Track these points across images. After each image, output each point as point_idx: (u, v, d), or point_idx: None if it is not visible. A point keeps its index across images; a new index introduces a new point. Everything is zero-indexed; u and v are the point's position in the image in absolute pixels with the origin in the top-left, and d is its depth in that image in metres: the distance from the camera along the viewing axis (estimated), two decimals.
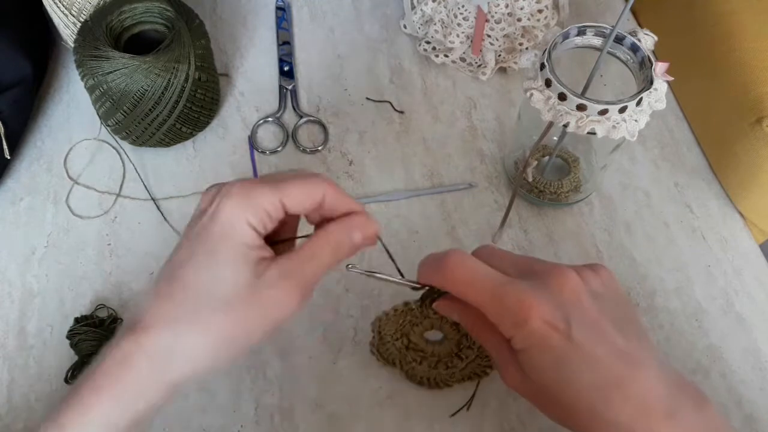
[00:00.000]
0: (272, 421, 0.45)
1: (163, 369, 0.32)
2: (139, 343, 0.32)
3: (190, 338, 0.32)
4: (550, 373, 0.33)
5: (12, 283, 0.51)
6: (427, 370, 0.46)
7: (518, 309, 0.33)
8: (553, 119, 0.43)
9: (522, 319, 0.33)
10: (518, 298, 0.34)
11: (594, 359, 0.33)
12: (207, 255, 0.32)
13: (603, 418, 0.32)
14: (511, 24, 0.57)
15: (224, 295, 0.32)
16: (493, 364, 0.45)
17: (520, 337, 0.34)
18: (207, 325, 0.32)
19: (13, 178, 0.56)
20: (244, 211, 0.32)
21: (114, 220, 0.54)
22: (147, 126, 0.53)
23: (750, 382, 0.47)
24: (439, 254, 0.36)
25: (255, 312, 0.32)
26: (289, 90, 0.61)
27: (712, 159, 0.57)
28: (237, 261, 0.32)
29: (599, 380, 0.33)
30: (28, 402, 0.46)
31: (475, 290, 0.35)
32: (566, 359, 0.33)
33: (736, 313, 0.50)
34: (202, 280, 0.32)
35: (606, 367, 0.33)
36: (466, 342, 0.45)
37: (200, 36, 0.53)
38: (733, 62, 0.53)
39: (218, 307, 0.32)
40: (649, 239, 0.54)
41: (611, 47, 0.43)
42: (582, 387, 0.33)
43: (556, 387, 0.33)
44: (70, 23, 0.55)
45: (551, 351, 0.33)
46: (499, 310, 0.34)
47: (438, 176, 0.57)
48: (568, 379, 0.33)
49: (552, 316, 0.33)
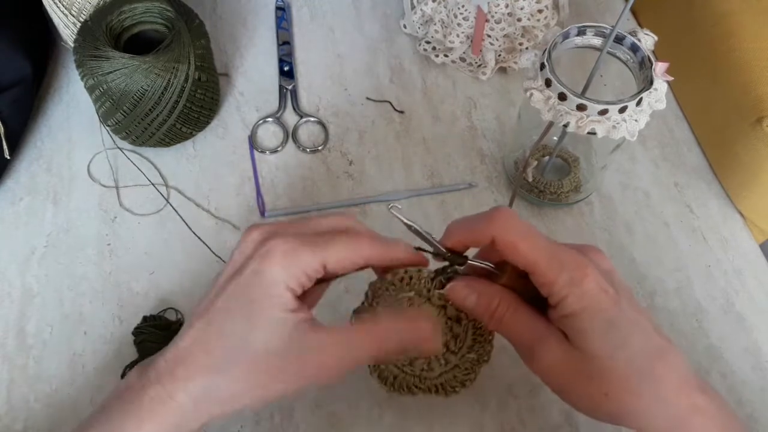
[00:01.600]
0: (272, 421, 0.45)
1: (202, 411, 0.32)
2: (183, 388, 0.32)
3: (227, 387, 0.32)
4: (602, 337, 0.33)
5: (11, 283, 0.51)
6: (396, 370, 0.41)
7: (576, 266, 0.33)
8: (553, 119, 0.43)
9: (579, 277, 0.33)
10: (575, 256, 0.34)
11: (641, 327, 0.33)
12: (246, 311, 0.33)
13: (650, 386, 0.32)
14: (511, 24, 0.57)
15: (261, 354, 0.32)
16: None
17: (576, 297, 0.33)
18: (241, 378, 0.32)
19: (12, 178, 0.56)
20: (286, 275, 0.32)
21: (114, 220, 0.54)
22: (147, 126, 0.53)
23: (750, 382, 0.47)
24: (482, 212, 0.36)
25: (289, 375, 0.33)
26: (289, 90, 0.61)
27: (713, 159, 0.57)
28: (276, 324, 0.33)
29: (648, 348, 0.33)
30: (27, 402, 0.46)
31: (531, 244, 0.34)
32: (618, 323, 0.33)
33: (737, 313, 0.50)
34: (239, 332, 0.32)
35: (651, 337, 0.33)
36: (454, 346, 0.40)
37: (200, 36, 0.53)
38: (733, 62, 0.53)
39: (252, 365, 0.32)
40: (649, 239, 0.54)
41: (611, 47, 0.43)
42: (633, 353, 0.32)
43: (607, 353, 0.33)
44: (69, 23, 0.55)
45: (604, 314, 0.33)
46: (557, 266, 0.33)
47: (438, 176, 0.56)
48: (621, 344, 0.33)
49: (603, 281, 0.33)
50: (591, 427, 0.45)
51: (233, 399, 0.33)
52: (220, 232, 0.53)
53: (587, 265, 0.33)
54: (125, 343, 0.48)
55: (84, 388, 0.47)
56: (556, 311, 0.34)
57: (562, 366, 0.34)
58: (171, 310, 0.49)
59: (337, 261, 0.34)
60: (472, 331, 0.40)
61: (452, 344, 0.40)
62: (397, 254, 0.36)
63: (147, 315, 0.49)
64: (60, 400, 0.46)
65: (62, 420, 0.45)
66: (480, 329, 0.40)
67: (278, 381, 0.33)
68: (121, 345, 0.48)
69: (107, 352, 0.48)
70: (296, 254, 0.33)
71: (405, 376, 0.40)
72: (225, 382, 0.32)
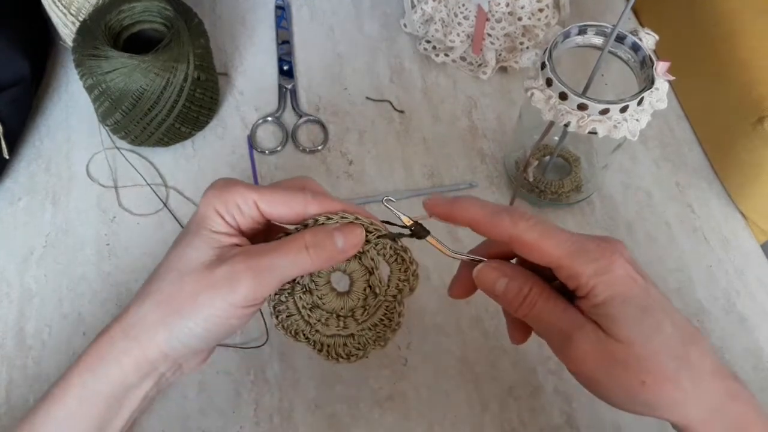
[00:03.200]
0: (272, 421, 0.45)
1: (132, 340, 0.34)
2: (119, 319, 0.35)
3: (149, 311, 0.34)
4: (636, 323, 0.32)
5: (10, 283, 0.51)
6: (294, 309, 0.38)
7: (602, 254, 0.33)
8: (554, 119, 0.43)
9: (606, 265, 0.32)
10: (599, 244, 0.33)
11: (671, 313, 0.33)
12: (182, 240, 0.35)
13: (687, 373, 0.32)
14: (511, 23, 0.57)
15: (184, 270, 0.34)
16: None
17: (606, 284, 0.32)
18: (162, 298, 0.34)
19: (11, 178, 0.56)
20: (215, 200, 0.34)
21: (113, 220, 0.54)
22: (146, 125, 0.53)
23: (752, 382, 0.47)
24: (496, 207, 0.35)
25: (203, 286, 0.33)
26: (288, 89, 0.61)
27: (714, 159, 0.57)
28: (202, 243, 0.34)
29: (681, 333, 0.32)
30: (26, 402, 0.46)
31: (553, 241, 0.33)
32: (650, 309, 0.32)
33: (738, 313, 0.50)
34: (173, 260, 0.34)
35: (682, 323, 0.33)
36: (360, 315, 0.38)
37: (199, 35, 0.53)
38: (735, 62, 0.53)
39: (174, 281, 0.34)
40: (650, 239, 0.53)
41: (612, 46, 0.43)
42: (668, 338, 0.32)
43: (642, 339, 0.32)
44: (68, 22, 0.55)
45: (636, 299, 0.32)
46: (583, 256, 0.33)
47: (438, 176, 0.56)
48: (655, 329, 0.32)
49: (632, 269, 0.33)
50: (591, 428, 0.45)
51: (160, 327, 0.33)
52: None
53: (613, 252, 0.33)
54: None
55: None
56: (587, 301, 0.33)
57: (597, 355, 0.33)
58: None
59: (270, 201, 0.34)
60: (383, 311, 0.38)
61: (359, 313, 0.38)
62: (332, 206, 0.35)
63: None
64: None
65: None
66: (390, 313, 0.38)
67: (195, 300, 0.33)
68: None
69: None
70: (229, 184, 0.35)
71: (299, 319, 0.38)
72: (151, 307, 0.34)
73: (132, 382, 0.34)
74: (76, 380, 0.34)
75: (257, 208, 0.34)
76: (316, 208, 0.35)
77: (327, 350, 0.39)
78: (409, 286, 0.38)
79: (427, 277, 0.51)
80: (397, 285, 0.38)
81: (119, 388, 0.34)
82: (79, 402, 0.34)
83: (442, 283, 0.51)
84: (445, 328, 0.49)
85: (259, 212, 0.35)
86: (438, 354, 0.48)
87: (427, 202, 0.36)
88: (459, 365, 0.48)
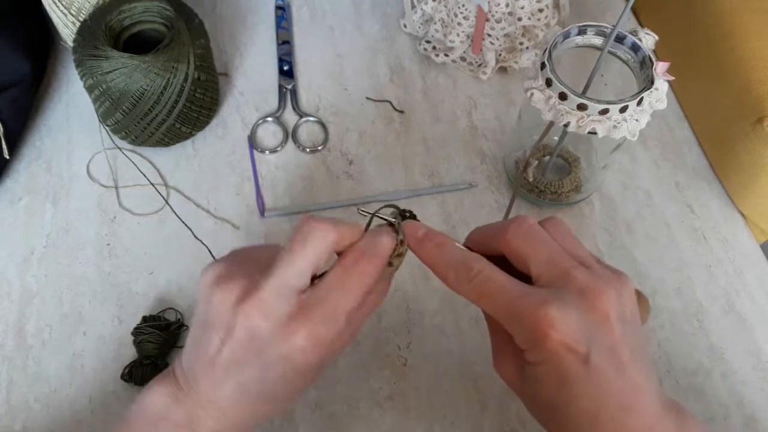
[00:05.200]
0: (272, 421, 0.45)
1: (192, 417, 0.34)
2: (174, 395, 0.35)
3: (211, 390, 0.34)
4: (554, 390, 0.32)
5: (11, 283, 0.51)
6: None
7: (536, 326, 0.31)
8: (554, 119, 0.43)
9: (539, 337, 0.31)
10: (538, 314, 0.31)
11: (604, 387, 0.31)
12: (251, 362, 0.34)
13: None
14: (511, 23, 0.57)
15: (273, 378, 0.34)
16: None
17: (534, 353, 0.32)
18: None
19: (11, 178, 0.56)
20: (268, 323, 0.33)
21: (113, 220, 0.54)
22: (146, 125, 0.53)
23: (751, 382, 0.47)
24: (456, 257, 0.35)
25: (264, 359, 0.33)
26: (288, 89, 0.61)
27: (713, 159, 0.57)
28: (277, 359, 0.34)
29: (603, 407, 0.31)
30: (26, 402, 0.46)
31: (492, 304, 0.33)
32: (576, 382, 0.31)
33: (738, 313, 0.50)
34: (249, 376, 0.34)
35: (613, 396, 0.31)
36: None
37: (200, 35, 0.53)
38: (734, 62, 0.53)
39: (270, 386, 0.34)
40: (650, 239, 0.53)
41: (612, 47, 0.43)
42: (583, 410, 0.31)
43: (556, 402, 0.32)
44: (69, 23, 0.55)
45: (562, 372, 0.31)
46: (519, 322, 0.32)
47: (438, 176, 0.56)
48: (572, 400, 0.32)
49: (573, 339, 0.31)
50: None
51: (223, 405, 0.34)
52: (219, 232, 0.53)
53: (552, 325, 0.30)
54: (125, 344, 0.48)
55: (83, 388, 0.46)
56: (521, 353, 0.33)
57: (514, 385, 0.35)
58: (170, 310, 0.49)
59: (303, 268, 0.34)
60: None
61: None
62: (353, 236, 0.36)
63: (146, 315, 0.49)
64: (59, 401, 0.46)
65: (61, 420, 0.45)
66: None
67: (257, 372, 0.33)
68: (121, 345, 0.48)
69: (107, 353, 0.48)
70: (261, 299, 0.33)
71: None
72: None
73: None
74: None
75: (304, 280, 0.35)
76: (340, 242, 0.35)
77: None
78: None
79: (428, 278, 0.51)
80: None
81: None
82: None
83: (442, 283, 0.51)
84: (445, 328, 0.49)
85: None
86: (438, 354, 0.48)
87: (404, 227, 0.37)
88: (459, 365, 0.48)
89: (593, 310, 0.32)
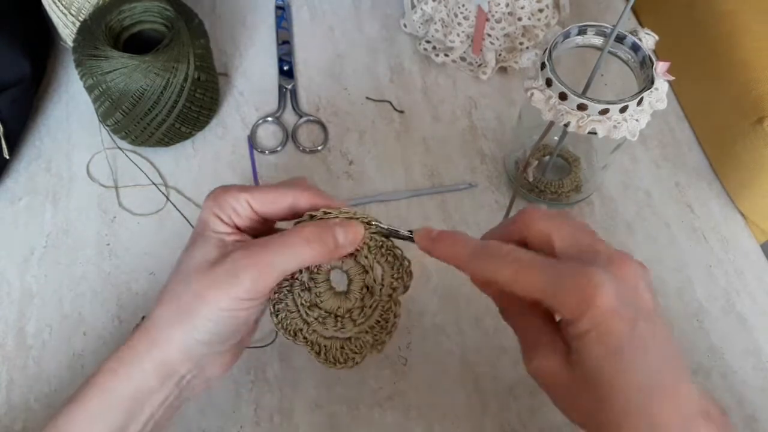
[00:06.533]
0: (272, 421, 0.45)
1: (151, 343, 0.35)
2: (140, 324, 0.36)
3: (164, 312, 0.35)
4: (608, 360, 0.31)
5: (11, 283, 0.51)
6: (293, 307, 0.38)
7: (584, 290, 0.30)
8: (554, 119, 0.43)
9: (587, 302, 0.30)
10: (583, 279, 0.31)
11: (653, 353, 0.31)
12: (189, 244, 0.37)
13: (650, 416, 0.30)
14: (511, 23, 0.57)
15: (191, 269, 0.35)
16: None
17: (582, 322, 0.31)
18: (173, 298, 0.35)
19: (11, 178, 0.56)
20: (212, 205, 0.36)
21: (113, 220, 0.54)
22: (146, 126, 0.53)
23: (751, 382, 0.47)
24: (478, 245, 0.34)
25: (209, 283, 0.34)
26: (288, 89, 0.61)
27: (713, 159, 0.57)
28: (205, 243, 0.36)
29: (657, 376, 0.31)
30: (27, 402, 0.46)
31: (530, 276, 0.32)
32: (629, 348, 0.31)
33: (737, 313, 0.50)
34: (182, 263, 0.36)
35: (663, 364, 0.31)
36: (357, 315, 0.38)
37: (199, 35, 0.53)
38: (734, 62, 0.53)
39: (182, 281, 0.35)
40: (650, 239, 0.53)
41: (612, 47, 0.43)
42: (639, 379, 0.31)
43: (610, 376, 0.31)
44: (69, 23, 0.55)
45: (615, 337, 0.31)
46: (561, 291, 0.31)
47: (438, 176, 0.56)
48: (627, 369, 0.31)
49: (619, 303, 0.31)
50: None
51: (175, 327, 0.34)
52: None
53: (596, 285, 0.30)
54: None
55: None
56: (566, 331, 0.32)
57: (554, 377, 0.33)
58: None
59: (261, 199, 0.36)
60: (379, 313, 0.38)
61: (356, 314, 0.38)
62: (320, 200, 0.37)
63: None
64: (60, 401, 0.46)
65: None
66: (387, 314, 0.38)
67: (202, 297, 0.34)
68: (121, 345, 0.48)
69: (107, 353, 0.47)
70: (224, 190, 0.37)
71: (296, 317, 0.38)
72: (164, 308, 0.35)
73: (153, 385, 0.34)
74: (99, 383, 0.34)
75: (251, 208, 0.37)
76: (306, 202, 0.37)
77: (325, 353, 0.38)
78: (404, 284, 0.38)
79: (427, 278, 0.51)
80: (391, 284, 0.38)
81: (140, 391, 0.34)
82: (99, 405, 0.34)
83: (442, 283, 0.51)
84: (445, 328, 0.49)
85: (253, 211, 0.37)
86: (438, 354, 0.48)
87: (416, 234, 0.36)
88: (459, 365, 0.48)
89: (626, 277, 0.32)
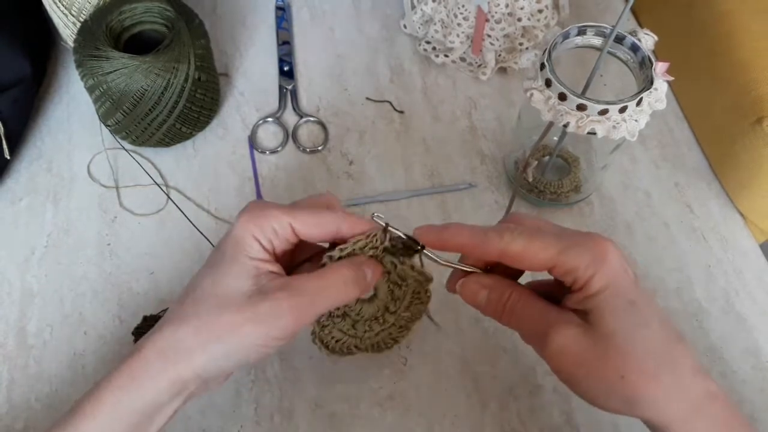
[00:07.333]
0: (272, 421, 0.45)
1: (168, 362, 0.34)
2: (152, 340, 0.34)
3: (187, 336, 0.34)
4: (624, 315, 0.32)
5: (11, 283, 0.51)
6: (339, 334, 0.41)
7: (595, 245, 0.33)
8: (554, 119, 0.43)
9: (601, 255, 0.33)
10: (592, 239, 0.34)
11: (657, 310, 0.33)
12: (217, 264, 0.35)
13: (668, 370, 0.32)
14: (511, 24, 0.57)
15: (223, 299, 0.34)
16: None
17: (601, 275, 0.33)
18: (201, 324, 0.34)
19: (12, 178, 0.56)
20: (252, 226, 0.35)
21: (114, 220, 0.54)
22: (147, 126, 0.53)
23: (750, 382, 0.47)
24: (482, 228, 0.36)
25: (246, 319, 0.34)
26: (288, 90, 0.61)
27: (713, 159, 0.57)
28: (239, 270, 0.35)
29: (664, 332, 0.33)
30: (28, 402, 0.46)
31: (542, 243, 0.34)
32: (638, 304, 0.33)
33: (737, 313, 0.50)
34: (208, 285, 0.35)
35: (665, 322, 0.33)
36: (393, 307, 0.41)
37: (200, 36, 0.53)
38: (734, 62, 0.53)
39: (213, 309, 0.34)
40: (649, 239, 0.54)
41: (611, 47, 0.43)
42: (652, 334, 0.32)
43: (627, 332, 0.32)
44: (69, 23, 0.55)
45: (626, 292, 0.33)
46: (574, 250, 0.33)
47: (438, 176, 0.56)
48: (641, 324, 0.32)
49: (623, 260, 0.34)
50: (591, 428, 0.45)
51: (197, 351, 0.34)
52: (220, 232, 0.53)
53: (606, 242, 0.34)
54: (125, 343, 0.48)
55: (84, 388, 0.46)
56: (581, 294, 0.33)
57: (577, 347, 0.33)
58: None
59: (303, 222, 0.35)
60: (411, 293, 0.41)
61: (392, 306, 0.41)
62: (361, 227, 0.37)
63: (147, 315, 0.48)
64: (60, 400, 0.46)
65: None
66: (418, 293, 0.41)
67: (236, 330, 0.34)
68: (121, 345, 0.48)
69: (107, 352, 0.48)
70: (264, 209, 0.35)
71: (347, 339, 0.41)
72: (190, 331, 0.34)
73: (164, 400, 0.34)
74: (109, 397, 0.34)
75: (292, 231, 0.36)
76: (348, 229, 0.36)
77: (378, 347, 0.42)
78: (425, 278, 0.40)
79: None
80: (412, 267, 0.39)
81: (151, 406, 0.34)
82: (111, 419, 0.34)
83: (442, 283, 0.51)
84: (445, 328, 0.49)
85: (293, 234, 0.36)
86: (438, 354, 0.48)
87: (417, 231, 0.37)
88: (459, 365, 0.48)
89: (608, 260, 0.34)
